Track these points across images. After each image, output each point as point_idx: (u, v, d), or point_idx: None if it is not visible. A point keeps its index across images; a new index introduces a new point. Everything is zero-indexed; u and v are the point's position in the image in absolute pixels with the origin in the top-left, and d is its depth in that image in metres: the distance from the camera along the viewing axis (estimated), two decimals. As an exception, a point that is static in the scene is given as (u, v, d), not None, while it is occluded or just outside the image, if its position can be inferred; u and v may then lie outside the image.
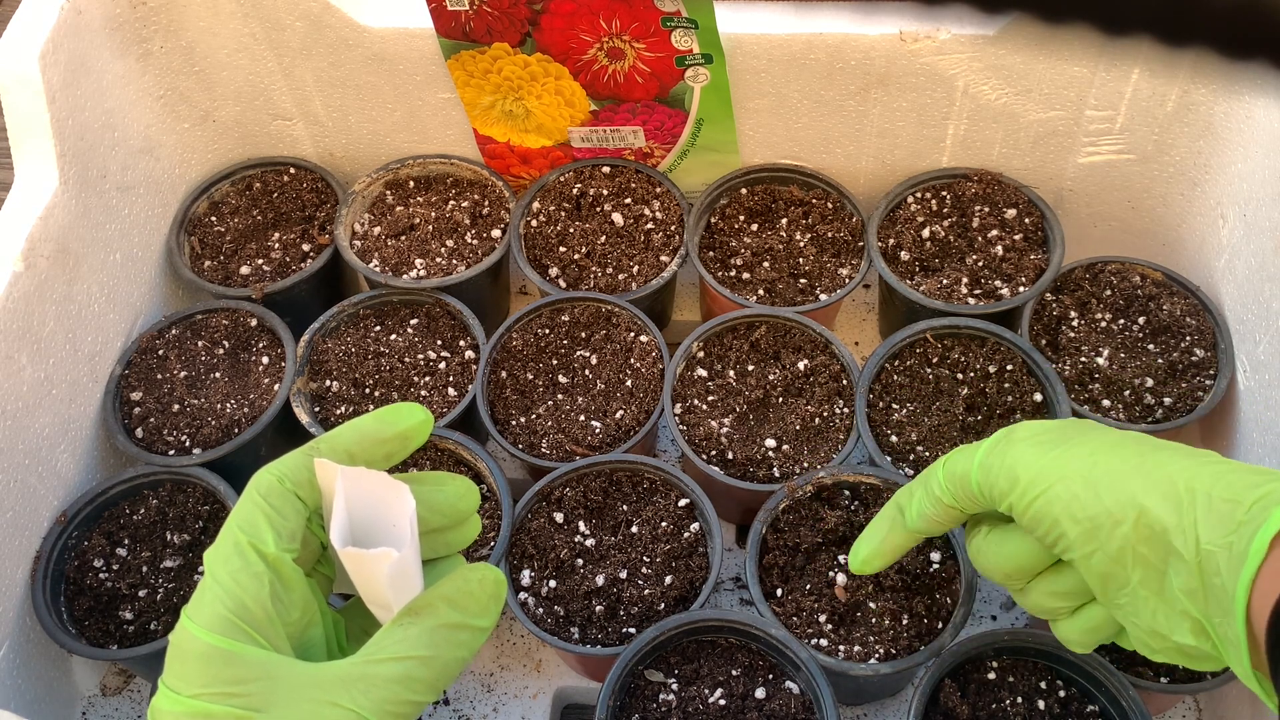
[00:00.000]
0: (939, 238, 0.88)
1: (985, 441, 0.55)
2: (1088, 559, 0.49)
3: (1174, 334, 0.82)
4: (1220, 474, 0.46)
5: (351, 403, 0.85)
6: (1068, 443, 0.52)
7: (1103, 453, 0.50)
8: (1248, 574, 0.43)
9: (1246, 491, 0.45)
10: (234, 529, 0.45)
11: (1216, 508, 0.45)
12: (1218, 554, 0.44)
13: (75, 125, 0.79)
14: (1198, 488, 0.46)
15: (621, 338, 0.85)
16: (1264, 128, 0.76)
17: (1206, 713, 0.77)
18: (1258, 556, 0.43)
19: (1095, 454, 0.50)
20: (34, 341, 0.75)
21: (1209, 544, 0.45)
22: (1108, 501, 0.48)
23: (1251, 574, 0.43)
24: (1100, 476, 0.49)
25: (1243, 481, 0.46)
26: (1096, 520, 0.48)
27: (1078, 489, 0.49)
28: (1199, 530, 0.45)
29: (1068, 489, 0.50)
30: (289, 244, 0.94)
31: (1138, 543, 0.47)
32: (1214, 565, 0.44)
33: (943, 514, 0.57)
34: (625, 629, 0.72)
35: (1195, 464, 0.48)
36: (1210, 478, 0.46)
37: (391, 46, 0.87)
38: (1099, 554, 0.49)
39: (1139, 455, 0.49)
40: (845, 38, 0.81)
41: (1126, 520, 0.47)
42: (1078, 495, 0.49)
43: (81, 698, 0.82)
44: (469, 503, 0.50)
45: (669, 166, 0.93)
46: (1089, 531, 0.49)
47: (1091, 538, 0.49)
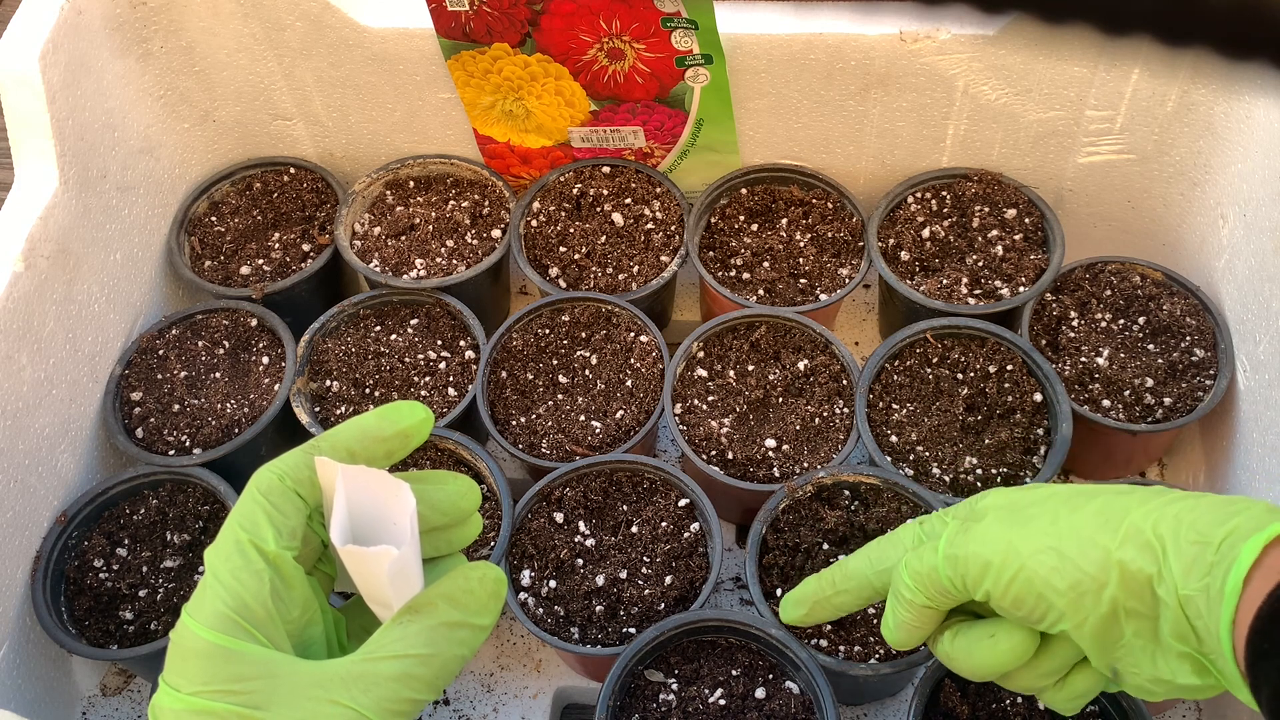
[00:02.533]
0: (939, 238, 0.88)
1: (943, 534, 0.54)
2: (1080, 626, 0.49)
3: (1174, 334, 0.82)
4: (1183, 512, 0.46)
5: (351, 403, 0.85)
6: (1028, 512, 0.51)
7: (1063, 516, 0.50)
8: (1227, 615, 0.43)
9: (1212, 529, 0.45)
10: (235, 527, 0.45)
11: (1186, 551, 0.45)
12: (1196, 598, 0.44)
13: (75, 125, 0.80)
14: (1164, 532, 0.46)
15: (621, 338, 0.85)
16: (1264, 128, 0.76)
17: (1206, 713, 0.77)
18: (1233, 597, 0.43)
19: (1056, 520, 0.50)
20: (34, 341, 0.75)
21: (1186, 589, 0.45)
22: (1086, 566, 0.48)
23: (1230, 614, 0.43)
24: (1070, 542, 0.48)
25: (1208, 517, 0.45)
26: (1080, 587, 0.48)
27: (1052, 561, 0.48)
28: (1175, 577, 0.45)
29: (1042, 563, 0.49)
30: (289, 244, 0.94)
31: (1126, 599, 0.47)
32: (1195, 609, 0.45)
33: (916, 615, 0.55)
34: (625, 629, 0.72)
35: (1155, 505, 0.47)
36: (1174, 520, 0.46)
37: (391, 46, 0.87)
38: (1090, 619, 0.48)
39: (1097, 509, 0.49)
40: (845, 38, 0.81)
41: (1110, 580, 0.47)
42: (1055, 567, 0.48)
43: (81, 698, 0.82)
44: (470, 501, 0.50)
45: (669, 166, 0.93)
46: (1075, 600, 0.48)
47: (1079, 606, 0.48)
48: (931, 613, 0.55)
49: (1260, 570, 0.43)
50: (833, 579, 0.60)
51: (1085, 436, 0.79)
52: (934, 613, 0.55)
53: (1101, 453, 0.84)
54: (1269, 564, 0.43)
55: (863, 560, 0.59)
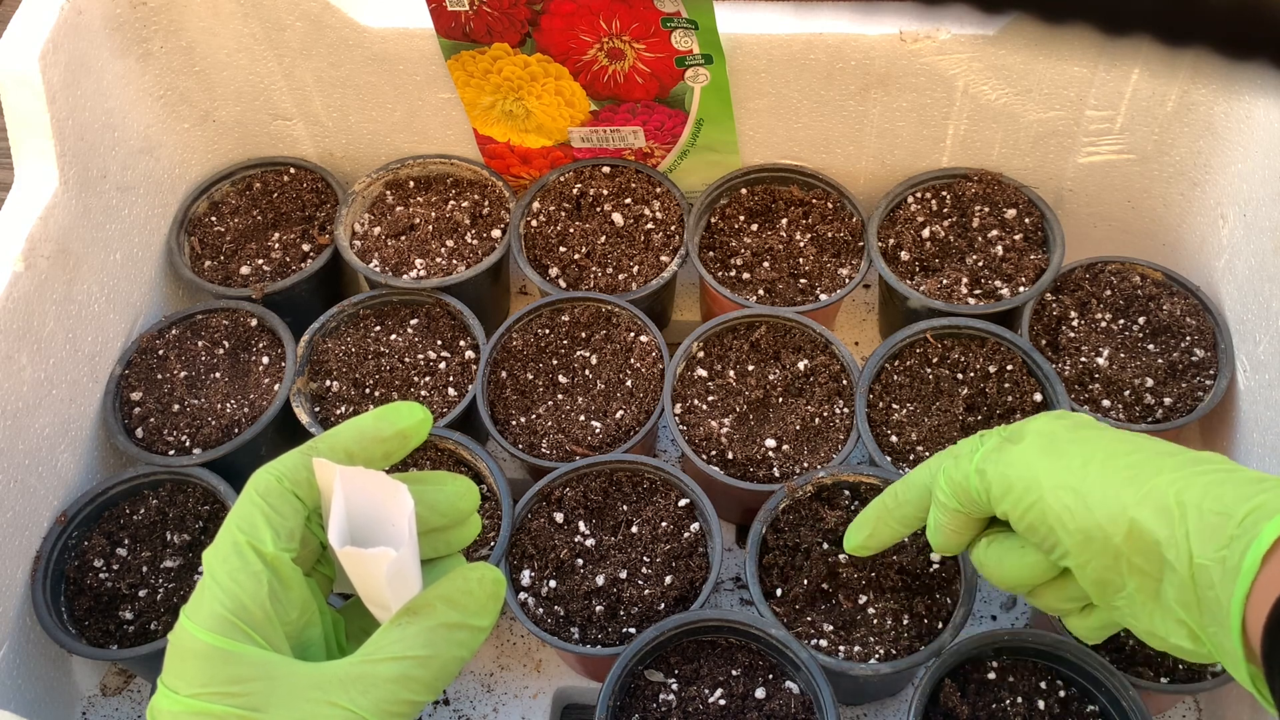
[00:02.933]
0: (939, 238, 0.88)
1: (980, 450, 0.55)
2: (1083, 567, 0.50)
3: (1174, 334, 0.82)
4: (1213, 484, 0.46)
5: (351, 403, 0.85)
6: (1063, 448, 0.52)
7: (1096, 461, 0.50)
8: (1241, 589, 0.43)
9: (1238, 504, 0.45)
10: (233, 529, 0.45)
11: (1208, 521, 0.45)
12: (1211, 568, 0.44)
13: (75, 125, 0.80)
14: (1188, 500, 0.46)
15: (621, 338, 0.85)
16: (1264, 128, 0.76)
17: (1206, 713, 0.77)
18: (1251, 572, 0.43)
19: (1088, 462, 0.50)
20: (34, 341, 0.75)
21: (1202, 558, 0.45)
22: (1098, 514, 0.48)
23: (1245, 589, 0.43)
24: (1091, 487, 0.49)
25: (1235, 493, 0.45)
26: (1088, 532, 0.49)
27: (1069, 500, 0.49)
28: (1191, 544, 0.45)
29: (1059, 500, 0.50)
30: (289, 244, 0.94)
31: (1131, 554, 0.48)
32: (1208, 579, 0.45)
33: (951, 519, 0.57)
34: (625, 629, 0.72)
35: (1189, 473, 0.47)
36: (1202, 489, 0.46)
37: (391, 46, 0.87)
38: (1093, 563, 0.49)
39: (1132, 464, 0.49)
40: (845, 38, 0.81)
41: (1118, 533, 0.48)
42: (1069, 506, 0.49)
43: (81, 698, 0.82)
44: (469, 502, 0.50)
45: (669, 166, 0.93)
46: (1082, 543, 0.49)
47: (1085, 548, 0.49)
48: (965, 518, 0.56)
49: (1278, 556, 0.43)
50: (895, 492, 0.61)
51: (1085, 437, 0.79)
52: (967, 519, 0.56)
53: (1102, 453, 0.84)
54: None
55: (924, 471, 0.60)
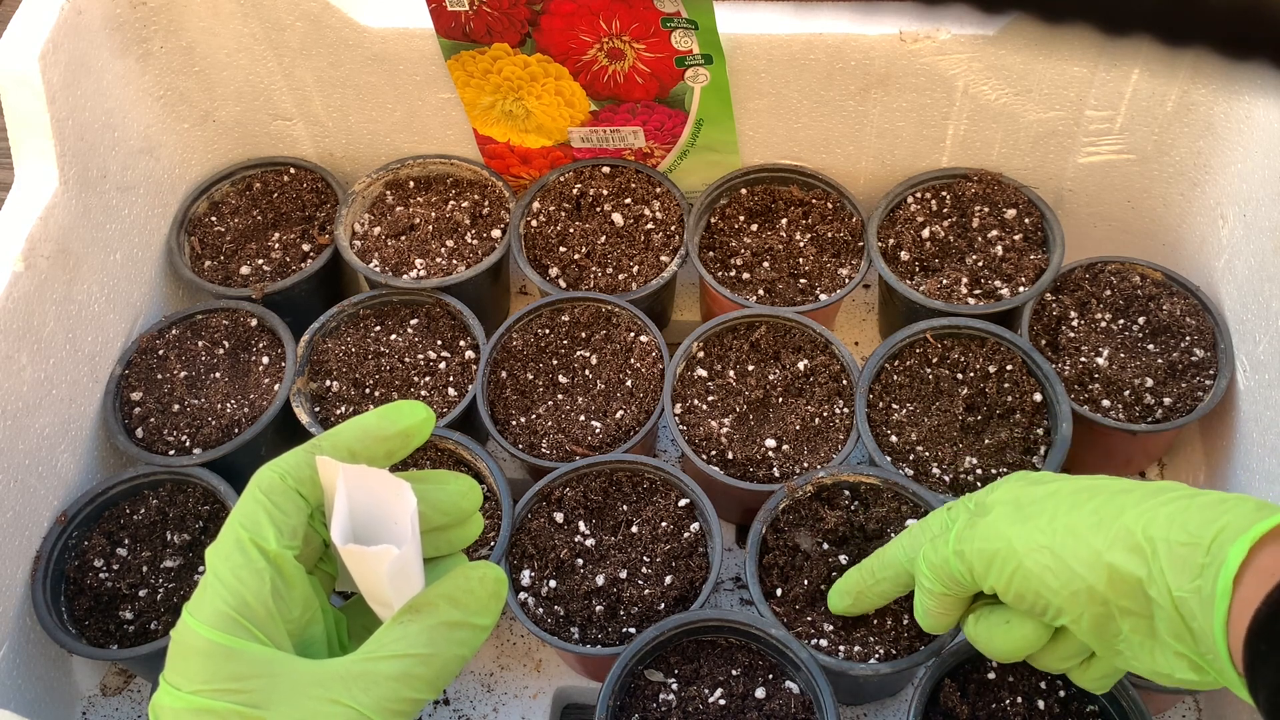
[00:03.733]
0: (939, 238, 0.88)
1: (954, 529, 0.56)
2: (1077, 621, 0.50)
3: (1174, 334, 0.82)
4: (1176, 513, 0.47)
5: (352, 403, 0.85)
6: (1029, 510, 0.53)
7: (1061, 515, 0.51)
8: (1220, 616, 0.44)
9: (1202, 530, 0.45)
10: (236, 526, 0.45)
11: (1177, 553, 0.46)
12: (1189, 600, 0.45)
13: (75, 125, 0.80)
14: (1155, 534, 0.47)
15: (621, 338, 0.85)
16: (1264, 128, 0.76)
17: (1206, 713, 0.77)
18: (1225, 598, 0.43)
19: (1054, 518, 0.51)
20: (34, 341, 0.75)
21: (1179, 591, 0.45)
22: (1075, 567, 0.49)
23: (1224, 616, 0.43)
24: (1062, 542, 0.50)
25: (1198, 518, 0.46)
26: (1072, 586, 0.49)
27: (1046, 560, 0.50)
28: (1167, 579, 0.46)
29: (1037, 562, 0.50)
30: (289, 244, 0.94)
31: (1117, 598, 0.48)
32: (1189, 610, 0.45)
33: (938, 603, 0.58)
34: (625, 629, 0.72)
35: (1150, 506, 0.48)
36: (1166, 520, 0.47)
37: (391, 46, 0.87)
38: (1086, 615, 0.50)
39: (1095, 509, 0.50)
40: (845, 38, 0.81)
41: (1099, 581, 0.48)
42: (1048, 566, 0.50)
43: (81, 698, 0.82)
44: (471, 501, 0.50)
45: (669, 166, 0.93)
46: (1070, 598, 0.50)
47: (1074, 603, 0.50)
48: (951, 600, 0.57)
49: (1250, 570, 0.43)
50: (872, 569, 0.63)
51: (1085, 436, 0.79)
52: (954, 600, 0.57)
53: (1101, 453, 0.84)
54: (1259, 564, 0.43)
55: (896, 549, 0.62)
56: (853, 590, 0.66)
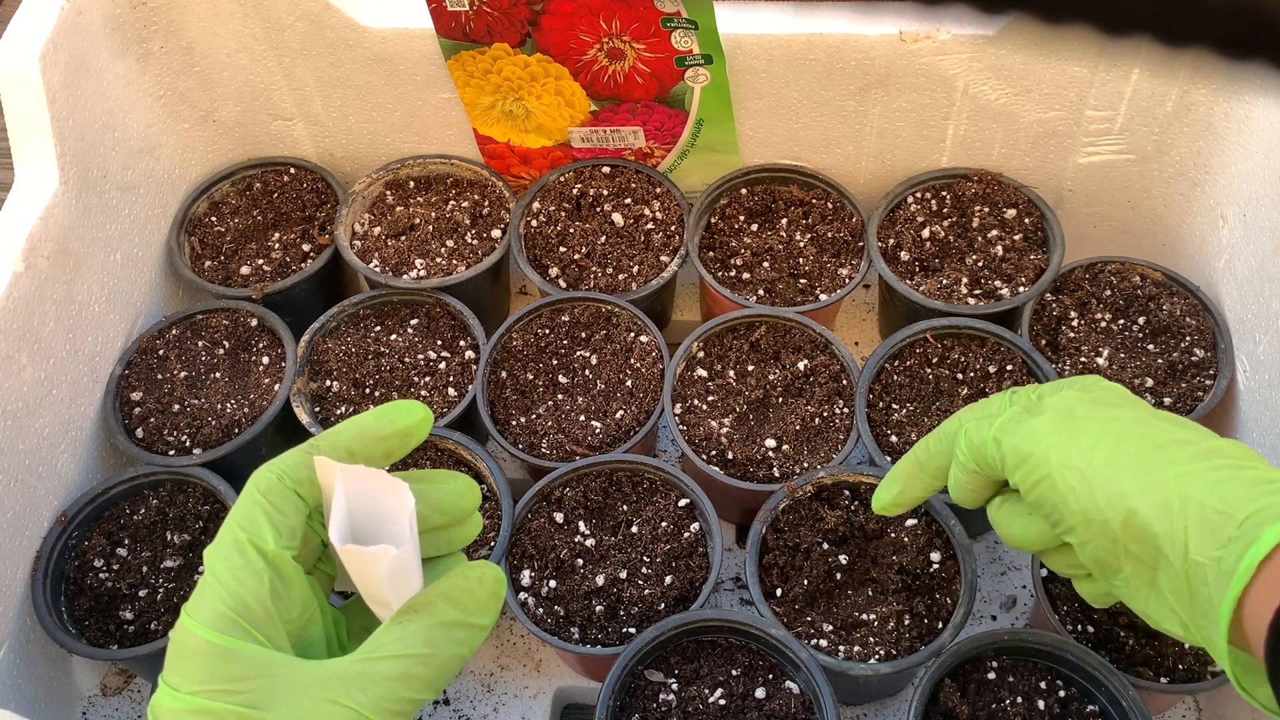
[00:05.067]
0: (939, 238, 0.88)
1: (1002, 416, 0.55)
2: (1083, 546, 0.51)
3: (1174, 334, 0.82)
4: (1219, 480, 0.46)
5: (351, 403, 0.85)
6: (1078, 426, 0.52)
7: (1105, 445, 0.51)
8: (1234, 592, 0.43)
9: (1242, 504, 0.45)
10: (234, 526, 0.45)
11: (1208, 518, 0.45)
12: (1206, 565, 0.45)
13: (75, 125, 0.80)
14: (1191, 495, 0.46)
15: (621, 338, 0.85)
16: (1264, 128, 0.76)
17: (1206, 713, 0.77)
18: (1245, 576, 0.43)
19: (1097, 446, 0.51)
20: (34, 341, 0.75)
21: (1198, 555, 0.45)
22: (1099, 499, 0.49)
23: (1238, 592, 0.43)
24: (1096, 471, 0.50)
25: (1240, 493, 0.45)
26: (1088, 515, 0.49)
27: (1074, 481, 0.50)
28: (1188, 540, 0.45)
29: (1065, 480, 0.51)
30: (289, 244, 0.94)
31: (1127, 541, 0.48)
32: (1201, 576, 0.45)
33: (970, 479, 0.58)
34: (625, 629, 0.72)
35: (1197, 466, 0.47)
36: (1207, 485, 0.46)
37: (391, 46, 0.87)
38: (1092, 544, 0.50)
39: (1140, 451, 0.49)
40: (845, 38, 0.81)
41: (1116, 519, 0.48)
42: (1073, 487, 0.50)
43: (81, 698, 0.82)
44: (470, 500, 0.50)
45: (669, 166, 0.93)
46: (1083, 523, 0.50)
47: (1085, 529, 0.50)
48: (982, 479, 0.57)
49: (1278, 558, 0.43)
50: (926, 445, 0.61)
51: (1085, 436, 0.79)
52: (985, 479, 0.57)
53: (1101, 453, 0.84)
54: None
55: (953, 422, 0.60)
56: (904, 474, 0.61)
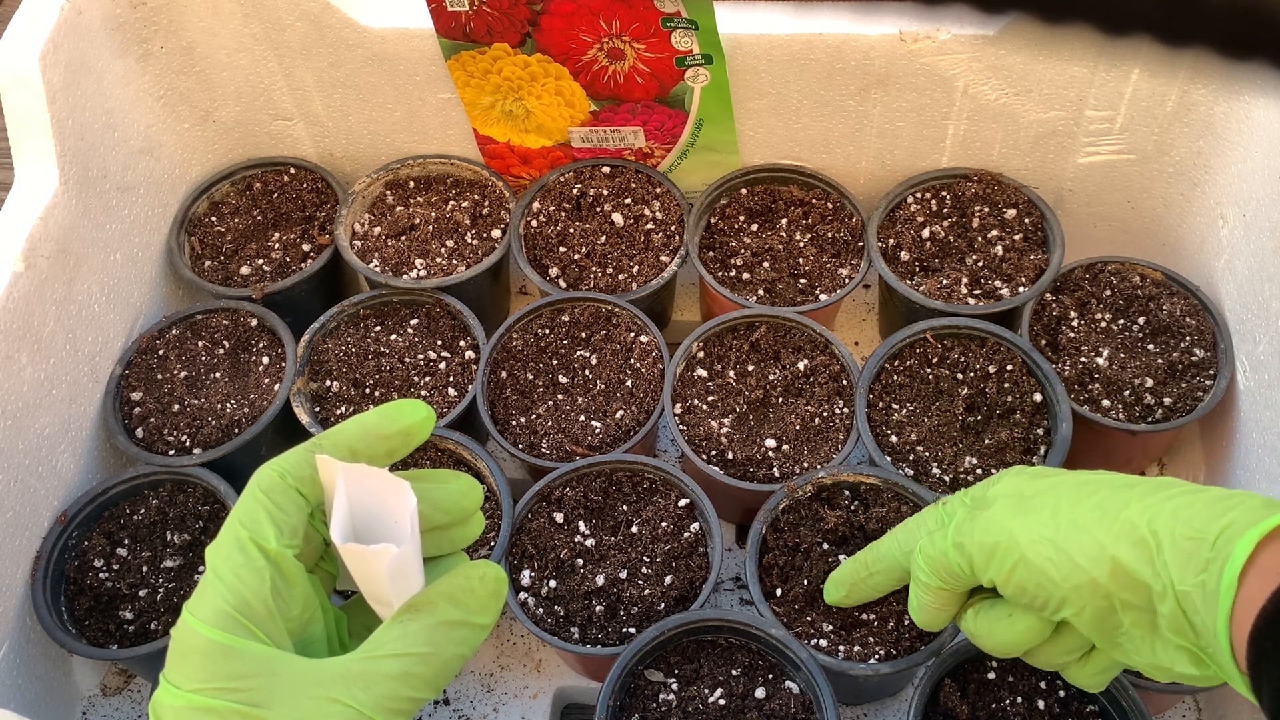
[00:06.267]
0: (939, 238, 0.88)
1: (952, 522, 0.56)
2: (1079, 615, 0.50)
3: (1174, 334, 0.82)
4: (1181, 508, 0.47)
5: (352, 403, 0.85)
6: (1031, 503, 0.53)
7: (1064, 509, 0.51)
8: (1224, 610, 0.44)
9: (1209, 524, 0.45)
10: (236, 525, 0.45)
11: (1182, 547, 0.46)
12: (1193, 594, 0.45)
13: (75, 125, 0.80)
14: (1160, 529, 0.47)
15: (621, 338, 0.85)
16: (1264, 128, 0.76)
17: (1206, 713, 0.77)
18: (1229, 593, 0.43)
19: (1057, 512, 0.51)
20: (34, 341, 0.75)
21: (1182, 585, 0.45)
22: (1079, 560, 0.49)
23: (1227, 610, 0.44)
24: (1066, 535, 0.50)
25: (1204, 513, 0.46)
26: (1075, 579, 0.49)
27: (1049, 553, 0.50)
28: (1171, 573, 0.46)
29: (1039, 554, 0.50)
30: (289, 244, 0.94)
31: (1120, 591, 0.48)
32: (1192, 605, 0.45)
33: (935, 598, 0.58)
34: (625, 629, 0.72)
35: (1155, 501, 0.48)
36: (1171, 514, 0.47)
37: (391, 46, 0.87)
38: (1088, 609, 0.50)
39: (1098, 503, 0.50)
40: (845, 38, 0.81)
41: (1102, 574, 0.48)
42: (1051, 559, 0.50)
43: (81, 698, 0.82)
44: (472, 500, 0.50)
45: (669, 166, 0.93)
46: (1073, 591, 0.50)
47: (1077, 596, 0.50)
48: (948, 594, 0.57)
49: (1255, 567, 0.43)
50: (865, 562, 0.63)
51: (1085, 436, 0.79)
52: (950, 594, 0.57)
53: (1101, 453, 0.84)
54: (1264, 561, 0.43)
55: (891, 542, 0.61)
56: (847, 581, 0.66)
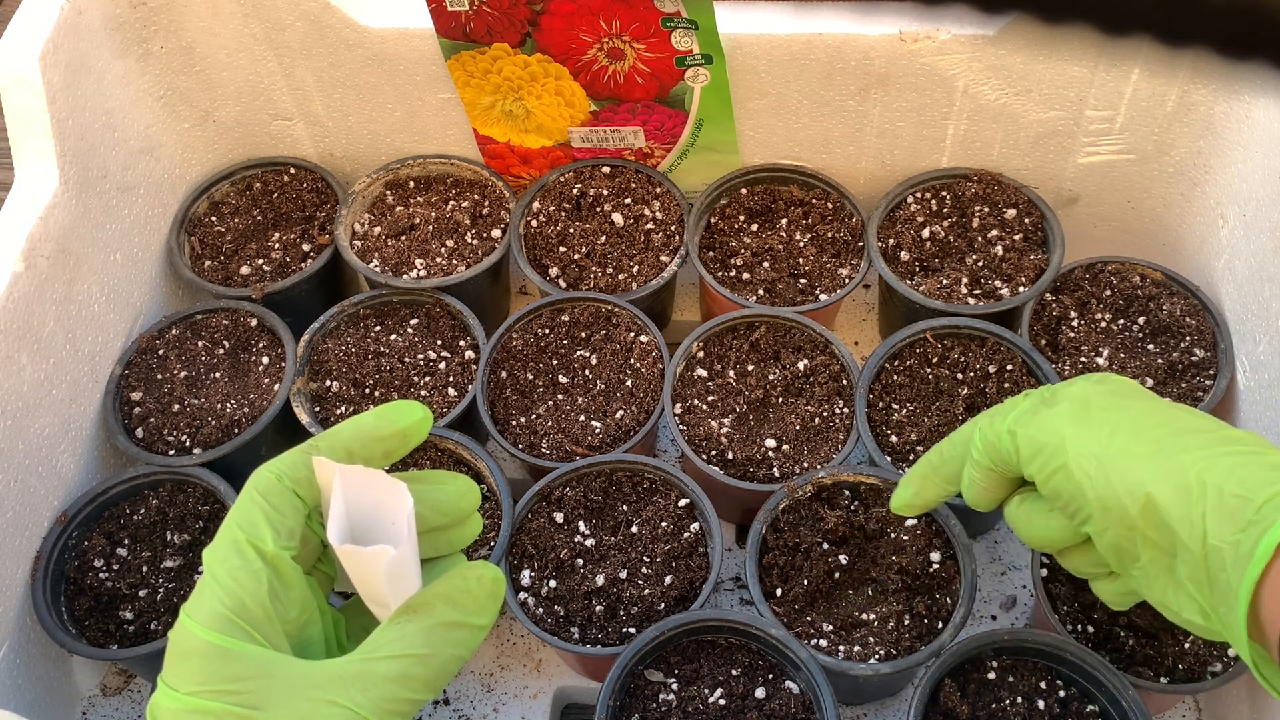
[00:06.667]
0: (939, 238, 0.88)
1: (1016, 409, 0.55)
2: (1100, 534, 0.50)
3: (1174, 334, 0.82)
4: (1237, 465, 0.46)
5: (351, 403, 0.85)
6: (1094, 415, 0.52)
7: (1122, 432, 0.51)
8: (1252, 575, 0.43)
9: (1260, 488, 0.45)
10: (233, 527, 0.45)
11: (1226, 503, 0.45)
12: (1224, 550, 0.44)
13: (75, 125, 0.80)
14: (1209, 480, 0.46)
15: (621, 338, 0.85)
16: (1264, 128, 0.76)
17: (1206, 713, 0.77)
18: (1263, 559, 0.43)
19: (1115, 433, 0.51)
20: (34, 341, 0.75)
21: (1216, 539, 0.45)
22: (1116, 485, 0.49)
23: (1256, 575, 0.43)
24: (1113, 458, 0.49)
25: (1259, 476, 0.45)
26: (1105, 502, 0.49)
27: (1091, 469, 0.50)
28: (1207, 524, 0.45)
29: (1081, 468, 0.50)
30: (289, 244, 0.94)
31: (1146, 528, 0.48)
32: (1220, 560, 0.45)
33: (984, 476, 0.57)
34: (625, 629, 0.72)
35: (1214, 452, 0.47)
36: (1225, 470, 0.46)
37: (391, 46, 0.87)
38: (1110, 532, 0.50)
39: (1158, 438, 0.49)
40: (845, 38, 0.81)
41: (1134, 506, 0.48)
42: (1090, 475, 0.50)
43: (81, 698, 0.82)
44: (470, 501, 0.50)
45: (669, 166, 0.93)
46: (1100, 510, 0.50)
47: (1103, 516, 0.50)
48: (997, 476, 0.57)
49: None
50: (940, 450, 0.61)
51: (1085, 436, 0.79)
52: (1000, 477, 0.57)
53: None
54: None
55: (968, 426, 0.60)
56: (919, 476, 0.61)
